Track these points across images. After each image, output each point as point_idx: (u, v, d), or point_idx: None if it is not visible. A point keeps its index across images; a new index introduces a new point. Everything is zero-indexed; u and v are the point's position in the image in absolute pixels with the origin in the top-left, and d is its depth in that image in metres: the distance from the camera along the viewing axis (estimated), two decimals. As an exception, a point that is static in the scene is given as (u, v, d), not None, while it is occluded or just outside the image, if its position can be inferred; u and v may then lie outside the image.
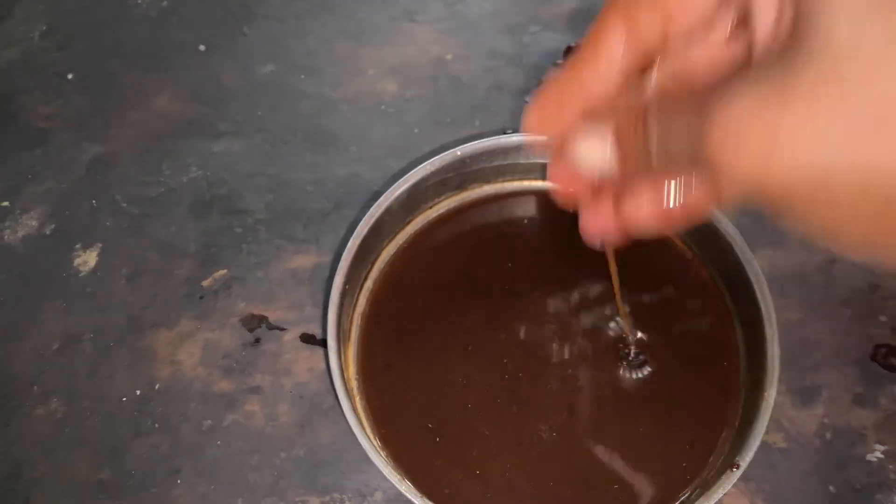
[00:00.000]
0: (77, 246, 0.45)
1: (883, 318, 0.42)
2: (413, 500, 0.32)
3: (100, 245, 0.45)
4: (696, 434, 0.36)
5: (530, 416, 0.37)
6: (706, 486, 0.33)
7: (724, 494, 0.36)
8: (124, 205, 0.46)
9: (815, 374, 0.41)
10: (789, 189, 0.18)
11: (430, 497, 0.32)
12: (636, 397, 0.37)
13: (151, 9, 0.53)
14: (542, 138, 0.25)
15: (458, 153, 0.40)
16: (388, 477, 0.33)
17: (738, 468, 0.32)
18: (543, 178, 0.42)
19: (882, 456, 0.39)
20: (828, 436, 0.39)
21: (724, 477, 0.32)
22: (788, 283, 0.43)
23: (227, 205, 0.46)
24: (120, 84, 0.50)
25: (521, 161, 0.42)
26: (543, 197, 0.42)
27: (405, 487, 0.32)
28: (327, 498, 0.38)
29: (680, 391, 0.37)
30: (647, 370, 0.37)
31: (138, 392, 0.41)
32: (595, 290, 0.40)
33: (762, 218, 0.45)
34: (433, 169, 0.40)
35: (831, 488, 0.38)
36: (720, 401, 0.37)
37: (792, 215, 0.19)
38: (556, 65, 0.50)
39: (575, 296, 0.40)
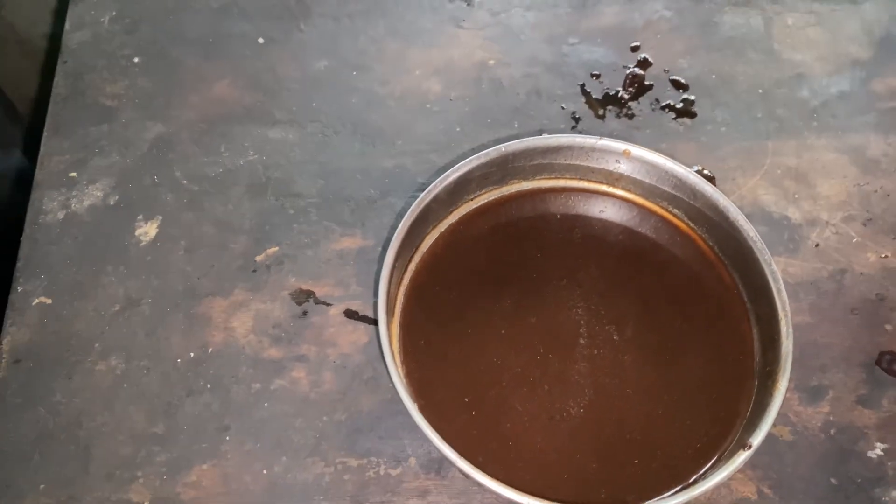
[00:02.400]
0: (139, 217, 0.48)
1: (889, 327, 0.45)
2: (454, 460, 0.35)
3: (160, 217, 0.48)
4: (712, 419, 0.39)
5: (560, 394, 0.40)
6: (719, 465, 0.36)
7: (734, 478, 0.39)
8: (184, 182, 0.49)
9: (823, 374, 0.44)
10: None
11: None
12: (658, 383, 0.40)
13: (214, 1, 0.56)
14: None
15: (504, 149, 0.43)
16: (430, 437, 0.36)
17: (749, 448, 0.35)
18: (576, 177, 0.46)
19: (882, 453, 0.42)
20: (832, 432, 0.42)
21: (736, 455, 0.35)
22: (801, 290, 0.46)
23: (281, 188, 0.49)
24: (182, 69, 0.53)
25: (559, 161, 0.45)
26: (576, 194, 0.46)
27: (446, 448, 0.35)
28: (365, 461, 0.41)
29: (699, 380, 0.40)
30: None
31: (192, 354, 0.44)
32: (616, 282, 0.43)
33: (779, 227, 0.48)
34: (479, 163, 0.43)
35: (833, 480, 0.41)
36: (735, 390, 0.40)
37: None
38: (592, 76, 0.53)
39: (600, 285, 0.43)
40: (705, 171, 0.49)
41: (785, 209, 0.49)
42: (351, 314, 0.45)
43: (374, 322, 0.44)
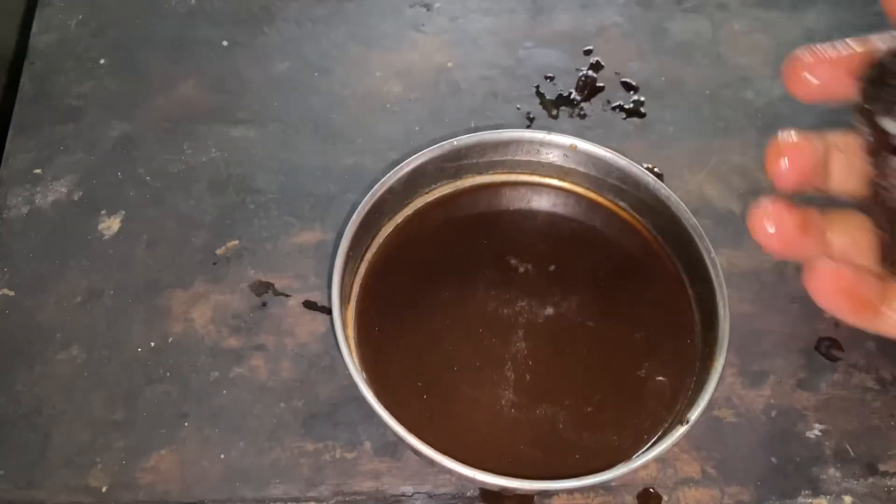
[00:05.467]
0: (102, 212, 0.49)
1: (827, 316, 0.47)
2: (405, 438, 0.36)
3: (123, 212, 0.49)
4: (656, 401, 0.41)
5: (508, 378, 0.41)
6: (660, 442, 0.38)
7: (679, 459, 0.40)
8: (147, 178, 0.50)
9: (764, 360, 0.45)
10: None
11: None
12: (604, 365, 0.42)
13: (180, 5, 0.58)
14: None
15: (455, 143, 0.45)
16: (382, 417, 0.37)
17: (687, 423, 0.37)
18: (528, 171, 0.47)
19: (820, 434, 0.43)
20: (773, 414, 0.44)
21: (674, 431, 0.37)
22: (745, 282, 0.48)
23: (242, 184, 0.50)
24: (148, 71, 0.55)
25: (510, 157, 0.47)
26: (527, 188, 0.47)
27: (399, 429, 0.37)
28: (321, 445, 0.42)
29: (642, 362, 0.42)
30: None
31: (152, 344, 0.45)
32: (565, 271, 0.44)
33: (724, 221, 0.50)
34: (431, 156, 0.44)
35: (773, 460, 0.43)
36: (678, 371, 0.41)
37: None
38: (546, 78, 0.55)
39: (549, 274, 0.44)
40: (655, 169, 0.51)
41: (730, 204, 0.51)
42: (309, 305, 0.46)
43: (331, 312, 0.45)
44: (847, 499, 0.42)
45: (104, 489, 0.41)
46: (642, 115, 0.54)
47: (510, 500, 0.41)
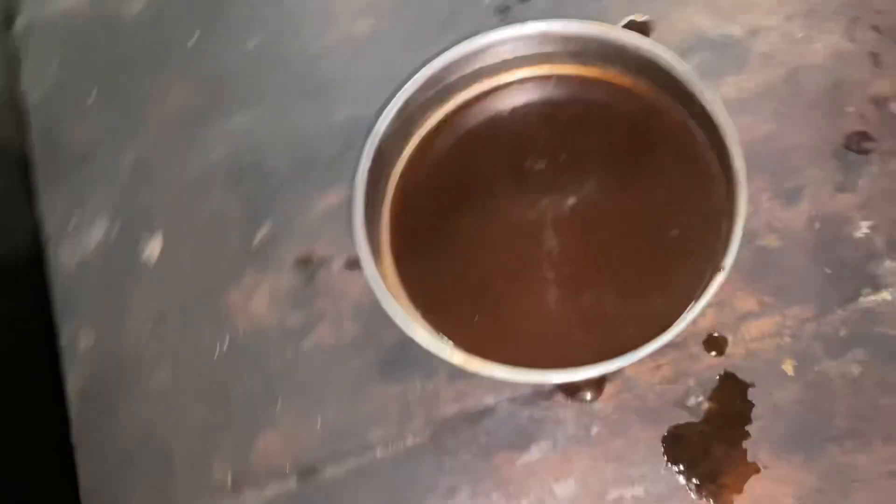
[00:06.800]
0: (141, 240, 0.52)
1: (850, 109, 0.46)
2: (464, 367, 0.39)
3: (161, 231, 0.52)
4: (696, 252, 0.41)
5: (546, 280, 0.43)
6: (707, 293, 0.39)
7: (735, 296, 0.41)
8: (170, 193, 0.53)
9: (797, 175, 0.45)
10: None
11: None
12: (634, 241, 0.42)
13: (139, 18, 0.58)
14: None
15: (433, 67, 0.45)
16: (438, 354, 0.39)
17: (723, 270, 0.38)
18: (514, 69, 0.47)
19: (868, 231, 0.43)
20: (816, 226, 0.44)
21: (711, 281, 0.38)
22: (759, 102, 0.47)
23: (255, 170, 0.52)
24: (135, 91, 0.56)
25: (490, 63, 0.47)
26: (517, 87, 0.47)
27: (457, 359, 0.39)
28: (401, 386, 0.45)
29: (673, 223, 0.42)
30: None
31: (226, 344, 0.48)
32: (576, 157, 0.45)
33: (723, 48, 0.48)
34: (414, 89, 0.45)
35: (827, 270, 0.43)
36: (710, 221, 0.42)
37: None
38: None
39: (562, 164, 0.45)
40: (640, 19, 0.50)
41: (725, 29, 0.49)
42: (351, 264, 0.48)
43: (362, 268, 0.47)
44: (909, 286, 0.42)
45: (229, 482, 0.45)
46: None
47: (584, 384, 0.43)
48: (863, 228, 0.43)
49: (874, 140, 0.45)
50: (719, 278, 0.38)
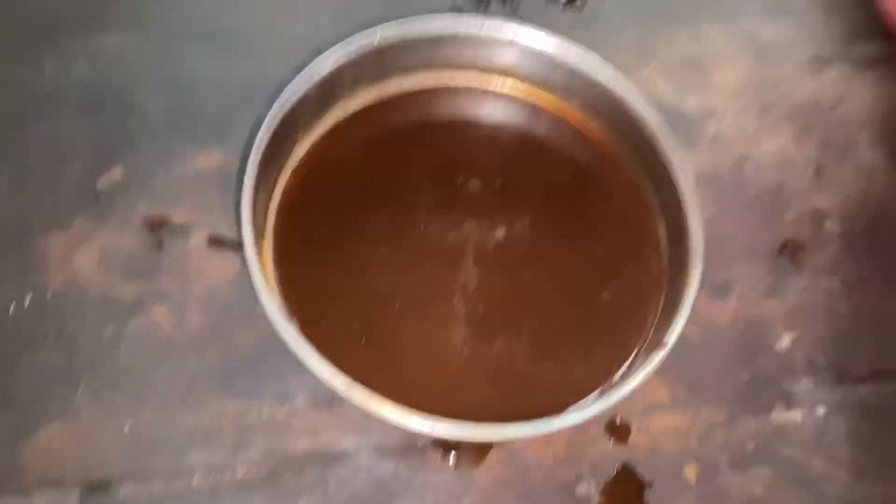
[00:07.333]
0: (-51, 146, 0.40)
1: (789, 216, 0.44)
2: (347, 396, 0.31)
3: (-25, 144, 0.40)
4: (625, 323, 0.37)
5: (455, 315, 0.36)
6: (633, 367, 0.34)
7: (645, 384, 0.36)
8: (2, 103, 0.41)
9: (728, 269, 0.42)
10: None
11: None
12: (561, 293, 0.37)
13: None
14: None
15: (378, 35, 0.38)
16: (311, 366, 0.31)
17: (665, 346, 0.33)
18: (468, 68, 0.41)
19: (790, 344, 0.40)
20: (741, 327, 0.40)
21: (652, 356, 0.33)
22: (701, 184, 0.43)
23: (120, 103, 0.42)
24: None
25: (444, 52, 0.40)
26: (467, 90, 0.41)
27: (339, 382, 0.31)
28: (245, 403, 0.36)
29: (606, 284, 0.37)
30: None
31: (27, 302, 0.37)
32: (512, 186, 0.39)
33: (675, 119, 0.45)
34: (347, 53, 0.38)
35: (744, 376, 0.39)
36: (645, 291, 0.37)
37: None
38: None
39: (494, 192, 0.39)
40: (596, 65, 0.46)
41: (682, 101, 0.46)
42: (216, 241, 0.39)
43: (243, 248, 0.38)
44: (821, 409, 0.39)
45: (-17, 479, 0.34)
46: (583, 3, 0.48)
47: (468, 445, 0.36)
48: (785, 340, 0.40)
49: (808, 251, 0.43)
50: (659, 355, 0.33)
